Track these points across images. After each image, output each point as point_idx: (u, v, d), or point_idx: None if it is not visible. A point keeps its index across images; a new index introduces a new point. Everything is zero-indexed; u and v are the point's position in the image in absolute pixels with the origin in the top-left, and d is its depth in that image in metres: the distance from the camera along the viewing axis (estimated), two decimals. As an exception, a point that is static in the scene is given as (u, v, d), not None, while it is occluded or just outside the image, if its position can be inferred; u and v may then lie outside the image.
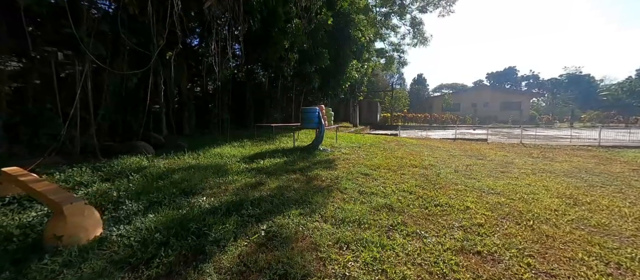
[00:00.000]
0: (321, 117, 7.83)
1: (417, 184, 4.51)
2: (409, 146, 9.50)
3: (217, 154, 6.15)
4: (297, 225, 2.77)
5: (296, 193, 3.78)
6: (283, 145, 8.34)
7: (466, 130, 21.31)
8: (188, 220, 2.73)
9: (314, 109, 7.84)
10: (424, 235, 2.67)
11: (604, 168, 6.32)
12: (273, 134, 9.48)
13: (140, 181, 3.97)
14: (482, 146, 10.36)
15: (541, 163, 6.82)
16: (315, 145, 7.70)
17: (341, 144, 9.02)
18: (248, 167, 5.25)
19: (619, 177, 5.40)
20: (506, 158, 7.49)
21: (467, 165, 6.34)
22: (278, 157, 6.29)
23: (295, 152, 7.11)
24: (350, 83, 16.52)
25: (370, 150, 8.07)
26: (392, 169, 5.64)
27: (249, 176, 4.56)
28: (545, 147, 10.40)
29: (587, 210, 3.48)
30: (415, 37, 17.20)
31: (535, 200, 3.84)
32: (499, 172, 5.69)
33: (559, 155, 8.28)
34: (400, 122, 29.30)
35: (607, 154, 8.62)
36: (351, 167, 5.67)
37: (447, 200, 3.73)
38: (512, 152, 8.83)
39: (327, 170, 5.24)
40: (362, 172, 5.20)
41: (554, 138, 14.22)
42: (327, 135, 10.91)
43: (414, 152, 7.99)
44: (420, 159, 6.86)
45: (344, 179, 4.64)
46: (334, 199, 3.65)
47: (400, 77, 60.30)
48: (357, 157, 6.93)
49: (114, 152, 5.48)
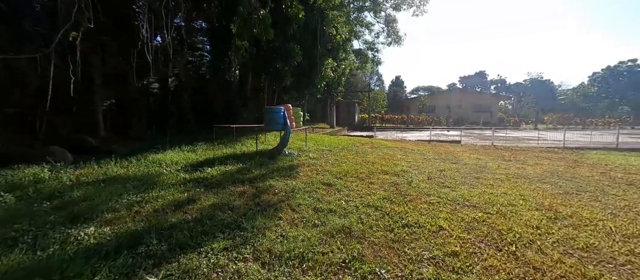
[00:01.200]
0: (287, 117, 7.05)
1: (386, 196, 3.89)
2: (383, 149, 9.02)
3: (155, 161, 5.14)
4: (212, 269, 1.98)
5: (233, 214, 2.97)
6: (244, 149, 7.44)
7: (441, 131, 21.60)
8: (38, 270, 1.82)
9: (278, 108, 7.04)
10: (385, 277, 2.00)
11: (574, 172, 6.18)
12: (236, 137, 8.51)
13: (11, 204, 2.93)
14: (455, 148, 10.17)
15: (514, 167, 6.58)
16: (279, 150, 6.90)
17: (310, 147, 8.30)
18: (188, 177, 4.34)
19: (591, 182, 5.21)
20: (479, 161, 7.21)
21: (440, 170, 5.90)
22: (232, 164, 5.41)
23: (255, 157, 6.26)
24: (326, 82, 15.89)
25: (341, 155, 7.44)
26: (360, 176, 5.01)
27: (181, 191, 3.67)
28: (516, 149, 10.45)
29: (570, 226, 3.04)
30: (389, 35, 17.01)
31: (514, 214, 3.36)
32: (473, 178, 5.28)
33: (529, 157, 8.20)
34: (377, 123, 29.30)
35: (573, 156, 8.72)
36: (314, 175, 4.96)
37: (417, 217, 3.13)
38: (485, 154, 8.65)
39: (285, 180, 4.48)
40: (325, 181, 4.50)
41: (522, 140, 14.61)
42: (297, 137, 10.15)
43: (387, 156, 7.48)
44: (393, 164, 6.33)
45: (301, 191, 3.91)
46: (280, 221, 2.90)
47: (379, 78, 61.16)
48: (324, 162, 6.25)
49: (13, 160, 4.29)
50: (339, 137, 13.16)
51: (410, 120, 31.34)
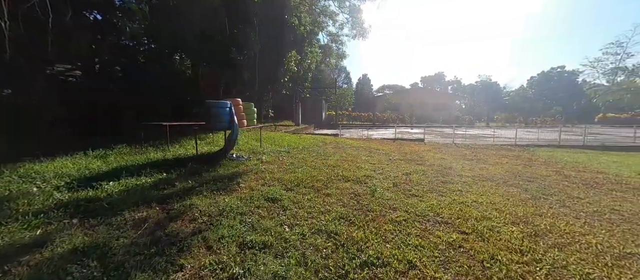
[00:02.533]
0: (233, 114, 5.91)
1: (343, 213, 3.09)
2: (347, 149, 8.35)
3: (27, 175, 3.65)
4: None
5: (99, 267, 1.87)
6: (181, 152, 6.12)
7: (405, 129, 22.03)
8: None
9: (223, 103, 5.86)
10: None
11: (533, 171, 6.13)
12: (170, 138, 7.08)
13: None
14: (420, 147, 9.96)
15: (477, 167, 6.35)
16: (224, 153, 5.76)
17: (266, 149, 7.26)
18: (67, 199, 3.03)
19: (551, 183, 5.07)
20: (444, 162, 6.90)
21: (407, 174, 5.34)
22: (150, 175, 4.15)
23: (190, 163, 5.04)
24: (289, 77, 14.85)
25: (299, 157, 6.54)
26: (316, 185, 4.16)
27: (38, 224, 2.42)
28: (475, 147, 10.63)
29: (555, 248, 2.54)
30: (354, 27, 16.49)
31: (492, 232, 2.80)
32: (441, 182, 4.79)
33: (489, 156, 8.21)
34: (345, 121, 29.11)
35: (526, 154, 9.01)
36: (259, 186, 3.98)
37: (381, 247, 2.37)
38: (448, 154, 8.48)
39: (216, 196, 3.43)
40: (270, 195, 3.55)
41: (479, 137, 15.29)
42: (252, 137, 9.01)
43: (350, 158, 6.78)
44: (356, 168, 5.62)
45: (233, 213, 2.92)
46: (180, 273, 1.89)
47: (347, 76, 61.64)
48: (277, 168, 5.29)
49: None
50: (302, 136, 12.26)
51: (376, 118, 31.75)
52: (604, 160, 8.13)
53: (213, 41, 9.81)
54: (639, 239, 2.77)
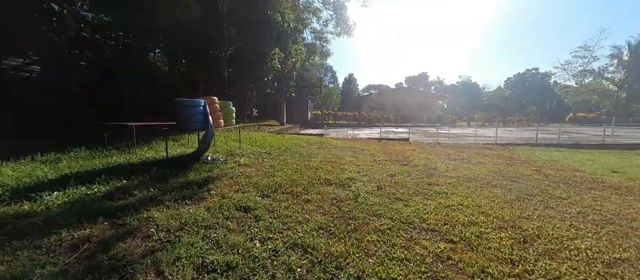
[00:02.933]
0: (208, 114, 5.47)
1: (323, 223, 2.81)
2: (332, 150, 8.10)
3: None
4: None
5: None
6: (150, 155, 5.60)
7: (390, 128, 22.17)
8: None
9: (196, 102, 5.40)
10: None
11: (515, 171, 6.16)
12: (137, 139, 6.51)
13: None
14: (405, 147, 9.90)
15: (462, 167, 6.30)
16: (197, 156, 5.31)
17: (245, 151, 6.85)
18: (-5, 214, 2.54)
19: (533, 182, 5.07)
20: (429, 162, 6.81)
21: (391, 175, 5.16)
22: (105, 182, 3.66)
23: (156, 167, 4.57)
24: (273, 75, 14.40)
25: (281, 159, 6.21)
26: (295, 191, 3.85)
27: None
28: (458, 146, 10.73)
29: (546, 256, 2.39)
30: (338, 24, 16.27)
31: (481, 240, 2.62)
32: (426, 184, 4.64)
33: (472, 155, 8.26)
34: (330, 120, 28.98)
35: (506, 152, 9.17)
36: (232, 193, 3.62)
37: (362, 264, 2.10)
38: (432, 154, 8.45)
39: (180, 206, 3.04)
40: (242, 203, 3.20)
41: (461, 136, 15.58)
42: (232, 138, 8.55)
43: (334, 159, 6.53)
44: (340, 170, 5.37)
45: (196, 227, 2.55)
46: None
47: (333, 75, 61.64)
48: (255, 171, 4.93)
49: None
50: (286, 136, 11.89)
51: (362, 117, 31.85)
52: (578, 158, 8.41)
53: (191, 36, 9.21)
54: (625, 243, 2.69)
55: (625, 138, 13.32)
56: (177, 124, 5.50)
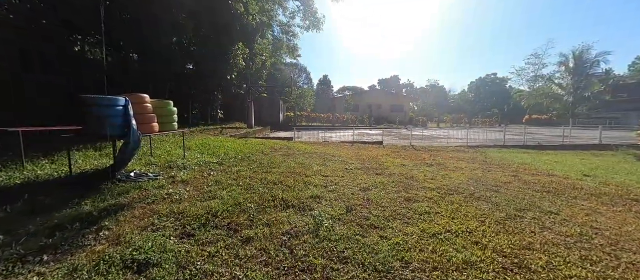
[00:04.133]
0: (131, 115, 4.19)
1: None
2: (299, 157, 7.13)
3: None
4: None
5: None
6: (45, 172, 4.16)
7: (364, 130, 21.81)
8: None
9: (112, 99, 4.10)
10: None
11: (492, 177, 5.73)
12: (25, 149, 4.98)
13: None
14: (379, 151, 9.28)
15: (439, 175, 5.72)
16: (113, 171, 4.02)
17: (191, 161, 5.61)
18: None
19: (517, 192, 4.59)
20: (405, 169, 6.16)
21: (364, 189, 4.35)
22: None
23: (53, 188, 3.23)
24: (237, 72, 13.05)
25: (233, 171, 5.10)
26: (236, 221, 2.83)
27: None
28: (432, 149, 10.41)
29: (578, 322, 1.67)
30: (306, 16, 15.34)
31: (486, 297, 1.84)
32: (404, 200, 3.89)
33: (447, 160, 7.84)
34: (303, 122, 28.05)
35: (479, 155, 8.95)
36: (137, 232, 2.48)
37: None
38: (407, 158, 7.88)
39: (31, 266, 1.86)
40: (141, 253, 2.10)
41: (433, 138, 15.55)
42: (178, 145, 7.20)
43: (299, 169, 5.58)
44: (303, 184, 4.43)
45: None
46: None
47: (307, 76, 60.82)
48: (192, 190, 3.79)
49: None
50: (249, 140, 10.67)
51: (336, 119, 31.33)
52: (545, 159, 8.43)
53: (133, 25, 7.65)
54: (655, 283, 2.10)
55: (577, 139, 14.19)
56: (86, 128, 4.14)
